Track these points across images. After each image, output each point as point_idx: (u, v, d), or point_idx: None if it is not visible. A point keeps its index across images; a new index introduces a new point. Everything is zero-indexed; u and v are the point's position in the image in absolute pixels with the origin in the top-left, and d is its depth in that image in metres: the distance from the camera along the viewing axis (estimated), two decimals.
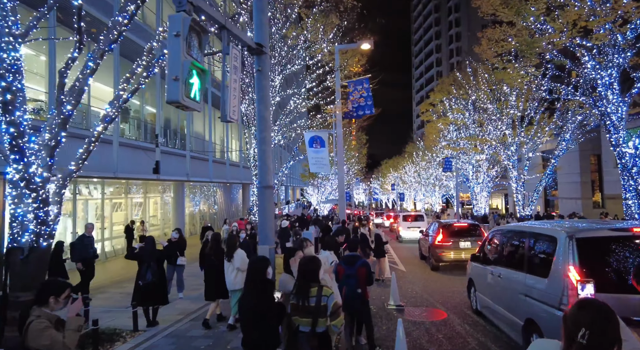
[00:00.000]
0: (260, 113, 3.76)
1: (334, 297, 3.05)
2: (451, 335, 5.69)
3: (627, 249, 3.65)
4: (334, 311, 2.99)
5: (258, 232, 3.83)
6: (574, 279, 3.62)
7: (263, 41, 3.73)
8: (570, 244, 3.78)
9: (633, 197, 12.11)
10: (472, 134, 24.40)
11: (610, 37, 11.34)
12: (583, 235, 3.86)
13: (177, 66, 2.45)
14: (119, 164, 11.53)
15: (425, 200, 55.61)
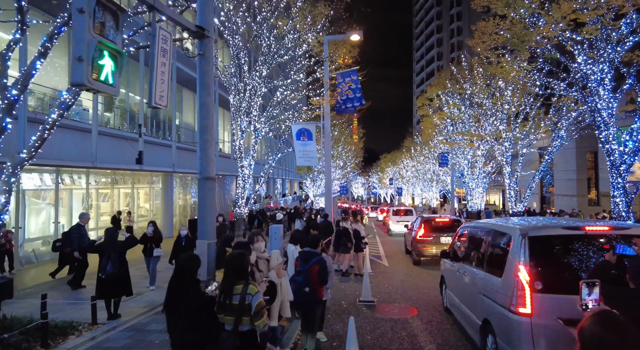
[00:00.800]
0: (202, 99, 3.58)
1: (259, 296, 2.90)
2: (415, 333, 5.56)
3: (579, 249, 3.48)
4: (257, 311, 2.84)
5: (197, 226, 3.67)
6: (524, 279, 3.46)
7: (206, 25, 3.54)
8: (523, 242, 3.60)
9: (621, 195, 11.94)
10: (468, 129, 24.15)
11: (602, 31, 11.08)
12: (535, 234, 3.67)
13: (81, 45, 2.28)
14: (98, 154, 11.37)
15: (422, 195, 55.51)
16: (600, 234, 3.53)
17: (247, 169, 14.00)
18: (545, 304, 3.34)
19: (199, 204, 3.68)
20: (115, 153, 12.57)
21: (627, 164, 12.03)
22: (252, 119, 13.72)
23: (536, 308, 3.36)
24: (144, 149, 13.30)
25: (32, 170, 11.87)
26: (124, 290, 6.20)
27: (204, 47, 3.54)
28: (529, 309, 3.38)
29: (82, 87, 2.39)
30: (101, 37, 2.43)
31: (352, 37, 14.15)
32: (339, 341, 5.27)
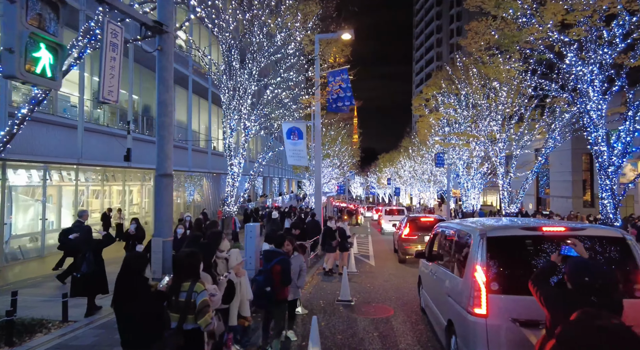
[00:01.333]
0: (160, 96, 3.54)
1: (204, 294, 2.86)
2: (387, 334, 5.52)
3: (536, 249, 3.45)
4: (200, 309, 2.80)
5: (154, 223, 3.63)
6: (480, 279, 3.42)
7: (165, 20, 3.50)
8: (481, 242, 3.56)
9: (609, 197, 11.90)
10: (463, 129, 24.08)
11: (591, 32, 11.03)
12: (493, 234, 3.62)
13: (11, 37, 2.23)
14: (84, 150, 11.33)
15: (420, 195, 55.49)
16: (557, 235, 3.48)
17: (236, 167, 13.94)
18: (501, 305, 3.30)
19: (155, 202, 3.64)
20: (103, 150, 12.53)
21: (616, 166, 11.99)
22: (242, 117, 13.66)
23: (492, 309, 3.32)
24: (132, 146, 13.32)
25: (19, 166, 11.82)
26: (100, 288, 6.16)
27: (163, 42, 3.50)
28: (484, 310, 3.34)
29: (14, 80, 2.34)
30: (38, 29, 2.39)
31: (344, 36, 14.12)
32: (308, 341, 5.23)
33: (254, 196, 35.41)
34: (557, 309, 2.56)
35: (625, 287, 3.29)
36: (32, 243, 12.58)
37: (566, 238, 3.33)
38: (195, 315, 2.79)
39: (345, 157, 39.94)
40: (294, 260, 5.22)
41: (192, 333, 2.84)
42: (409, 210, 52.56)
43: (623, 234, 3.56)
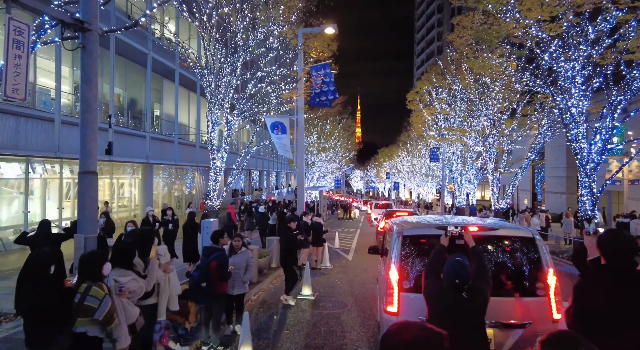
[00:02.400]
0: (84, 94, 3.58)
1: (107, 301, 2.85)
2: (335, 329, 5.60)
3: (450, 248, 3.44)
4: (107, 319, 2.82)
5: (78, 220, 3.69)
6: (394, 278, 3.43)
7: (87, 18, 3.52)
8: (397, 241, 3.58)
9: (587, 194, 11.88)
10: (457, 124, 23.96)
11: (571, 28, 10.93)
12: (409, 233, 3.63)
13: None
14: (61, 144, 11.40)
15: (418, 190, 55.46)
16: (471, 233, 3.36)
17: (219, 162, 13.99)
18: (412, 304, 3.29)
19: (79, 199, 3.70)
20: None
21: (595, 163, 11.95)
22: (224, 111, 13.68)
23: (403, 307, 3.35)
24: (115, 140, 13.37)
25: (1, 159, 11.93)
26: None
27: (86, 40, 3.53)
28: (395, 308, 3.37)
29: None
30: None
31: (327, 31, 14.05)
32: (255, 335, 5.31)
33: (250, 190, 35.53)
34: (432, 304, 2.64)
35: (530, 285, 3.36)
36: (15, 236, 12.74)
37: (479, 238, 3.39)
38: (103, 322, 2.82)
39: (341, 151, 39.92)
40: (240, 255, 5.29)
41: (81, 336, 2.85)
42: (406, 204, 52.57)
43: (533, 234, 3.57)
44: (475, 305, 2.60)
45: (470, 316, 2.59)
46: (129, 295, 3.11)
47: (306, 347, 4.96)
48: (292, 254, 7.09)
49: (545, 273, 3.33)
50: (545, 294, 3.28)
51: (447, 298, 2.63)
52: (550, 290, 3.28)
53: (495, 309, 2.77)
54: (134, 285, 3.15)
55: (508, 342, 3.13)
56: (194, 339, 4.94)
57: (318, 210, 24.65)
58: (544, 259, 3.39)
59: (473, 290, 2.63)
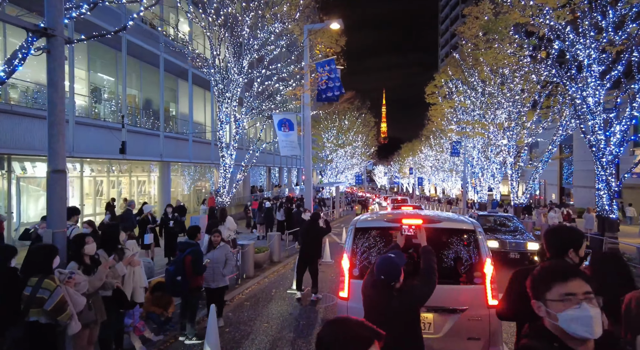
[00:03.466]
0: (50, 97, 3.79)
1: (59, 292, 3.04)
2: (312, 322, 5.66)
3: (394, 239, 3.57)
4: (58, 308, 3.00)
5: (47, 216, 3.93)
6: (345, 266, 3.67)
7: (52, 24, 3.72)
8: (351, 232, 3.81)
9: (604, 188, 11.33)
10: (475, 118, 23.28)
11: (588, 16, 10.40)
12: (361, 225, 3.85)
13: None
14: (75, 143, 11.97)
15: (443, 185, 54.40)
16: (416, 225, 3.52)
17: (228, 159, 14.29)
18: (357, 289, 3.43)
19: (47, 197, 3.93)
20: (97, 143, 13.18)
21: (613, 155, 11.36)
22: (231, 110, 13.95)
23: (352, 292, 3.58)
24: (130, 139, 13.94)
25: (25, 159, 12.68)
26: None
27: (51, 45, 3.73)
28: (346, 294, 3.63)
29: None
30: None
31: (332, 26, 14.01)
32: (233, 327, 5.46)
33: (270, 186, 36.00)
34: (363, 299, 2.71)
35: (468, 274, 3.53)
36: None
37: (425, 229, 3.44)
38: (53, 313, 3.01)
39: (360, 147, 39.67)
40: (219, 250, 5.44)
41: (34, 325, 3.04)
42: (428, 200, 51.67)
43: (474, 226, 3.67)
44: (399, 304, 2.59)
45: (396, 314, 2.59)
46: (76, 287, 3.30)
47: (279, 339, 5.05)
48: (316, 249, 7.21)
49: (483, 263, 3.49)
50: (482, 282, 3.46)
51: (374, 294, 2.67)
52: (486, 279, 3.45)
53: (436, 295, 2.95)
54: (80, 278, 3.34)
55: (446, 326, 3.37)
56: (171, 330, 5.13)
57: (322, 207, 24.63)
58: (482, 250, 3.54)
59: (401, 289, 2.63)
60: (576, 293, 1.25)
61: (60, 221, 3.80)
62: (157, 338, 4.79)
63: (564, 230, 2.52)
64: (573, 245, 2.34)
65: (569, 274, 1.28)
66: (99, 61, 14.84)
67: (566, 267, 1.35)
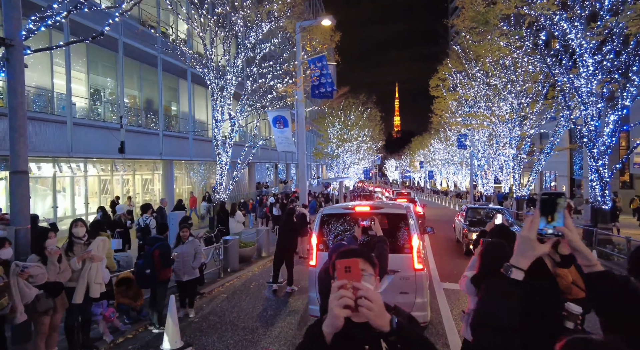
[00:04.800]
0: (10, 103, 4.07)
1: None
2: (279, 313, 5.87)
3: (350, 221, 4.77)
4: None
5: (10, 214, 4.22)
6: (314, 242, 4.92)
7: (10, 35, 3.99)
8: (318, 218, 5.04)
9: (597, 179, 11.20)
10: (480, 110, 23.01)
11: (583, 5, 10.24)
12: (325, 212, 5.11)
13: None
14: (74, 144, 12.40)
15: (453, 178, 53.88)
16: (364, 212, 4.74)
17: (224, 156, 14.60)
18: (324, 258, 4.56)
19: (11, 196, 4.22)
20: (96, 143, 13.62)
21: (606, 146, 11.20)
22: (226, 108, 14.23)
23: (319, 261, 4.77)
24: (130, 139, 14.37)
25: (30, 160, 13.18)
26: None
27: (9, 54, 4.01)
28: (314, 262, 4.88)
29: None
30: None
31: (324, 23, 14.11)
32: (203, 317, 5.72)
33: (277, 182, 36.37)
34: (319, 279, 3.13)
35: (401, 246, 4.68)
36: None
37: (371, 214, 4.56)
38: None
39: (367, 141, 39.59)
40: (188, 245, 5.70)
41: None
42: (438, 193, 51.24)
43: (406, 211, 4.83)
44: None
45: None
46: (31, 279, 3.58)
47: (243, 328, 5.29)
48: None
49: (411, 238, 4.65)
50: (410, 252, 4.61)
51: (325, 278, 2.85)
52: (413, 250, 4.62)
53: None
54: (36, 270, 3.62)
55: (381, 286, 4.29)
56: (143, 320, 5.43)
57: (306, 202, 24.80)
58: (412, 228, 4.70)
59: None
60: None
61: (24, 219, 4.10)
62: (125, 327, 5.09)
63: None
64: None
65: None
66: (100, 63, 15.29)
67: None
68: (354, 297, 1.14)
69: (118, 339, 4.84)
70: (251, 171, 30.27)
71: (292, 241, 7.41)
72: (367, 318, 1.14)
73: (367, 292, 1.15)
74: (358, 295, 1.14)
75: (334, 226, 4.89)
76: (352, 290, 1.15)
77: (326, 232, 4.89)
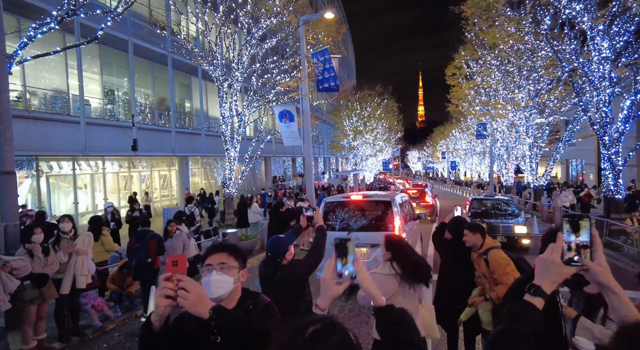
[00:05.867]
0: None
1: None
2: None
3: (346, 208, 6.39)
4: None
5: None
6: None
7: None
8: (322, 204, 6.66)
9: (609, 167, 10.78)
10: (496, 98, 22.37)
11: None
12: (327, 200, 6.76)
13: None
14: (88, 143, 12.97)
15: (477, 169, 52.65)
16: (357, 200, 6.43)
17: (232, 151, 14.92)
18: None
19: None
20: (112, 141, 14.18)
21: (619, 133, 10.72)
22: (233, 105, 14.52)
23: None
24: (143, 136, 14.90)
25: (50, 159, 13.91)
26: None
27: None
28: None
29: None
30: None
31: (327, 16, 14.08)
32: None
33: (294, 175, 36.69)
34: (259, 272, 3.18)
35: (386, 225, 6.10)
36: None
37: (365, 202, 6.38)
38: None
39: (385, 133, 39.21)
40: (176, 238, 5.99)
41: None
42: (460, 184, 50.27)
43: (390, 199, 6.28)
44: (280, 276, 2.88)
45: (278, 285, 2.88)
46: (15, 272, 3.89)
47: None
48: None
49: (394, 219, 6.05)
50: (393, 229, 5.97)
51: (264, 269, 3.01)
52: (395, 228, 5.99)
53: (369, 237, 5.83)
54: (19, 264, 3.92)
55: (372, 255, 5.82)
56: (134, 309, 5.74)
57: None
58: (395, 212, 6.10)
59: (285, 265, 2.94)
60: (212, 264, 1.55)
61: (12, 215, 4.43)
62: (115, 315, 5.41)
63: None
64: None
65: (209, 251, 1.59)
66: (114, 64, 15.86)
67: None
68: (175, 288, 1.26)
69: (107, 326, 5.16)
70: (267, 165, 30.67)
71: (279, 233, 7.62)
72: (185, 306, 1.26)
73: (186, 284, 1.26)
74: (179, 287, 1.26)
75: (336, 210, 6.41)
76: (176, 282, 1.27)
77: (331, 215, 6.36)
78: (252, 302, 1.58)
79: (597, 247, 1.03)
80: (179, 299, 1.26)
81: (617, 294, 1.01)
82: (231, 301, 1.57)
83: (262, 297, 1.64)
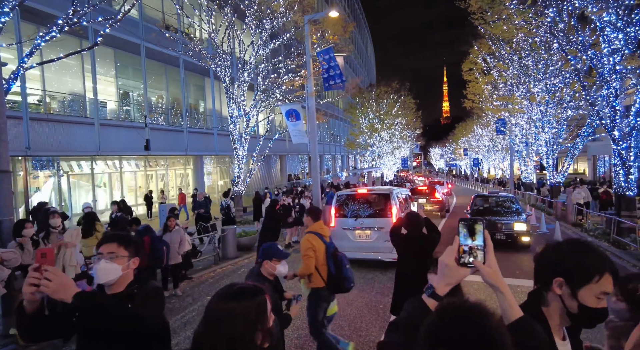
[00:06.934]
0: None
1: None
2: None
3: (353, 200, 7.91)
4: None
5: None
6: (332, 212, 8.03)
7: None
8: (335, 197, 8.33)
9: (620, 164, 10.40)
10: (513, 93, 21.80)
11: None
12: (340, 193, 8.35)
13: None
14: (102, 143, 13.58)
15: (499, 166, 51.33)
16: (363, 194, 7.98)
17: (240, 150, 15.27)
18: (339, 222, 7.92)
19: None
20: (126, 141, 14.77)
21: (631, 128, 10.31)
22: (241, 104, 14.86)
23: (336, 223, 7.92)
24: (157, 136, 15.44)
25: (70, 159, 14.65)
26: None
27: None
28: (334, 224, 7.91)
29: None
30: None
31: (331, 14, 14.15)
32: (180, 299, 6.27)
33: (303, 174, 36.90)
34: None
35: (385, 212, 7.63)
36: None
37: (369, 195, 7.95)
38: None
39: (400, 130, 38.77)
40: (174, 233, 6.31)
41: None
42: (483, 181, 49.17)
43: (389, 192, 7.84)
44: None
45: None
46: (5, 262, 4.23)
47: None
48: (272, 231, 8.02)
49: (391, 207, 7.59)
50: (390, 216, 7.48)
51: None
52: (393, 215, 7.46)
53: (373, 222, 7.61)
54: (9, 255, 4.27)
55: (374, 236, 7.58)
56: None
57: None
58: (392, 202, 7.64)
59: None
60: (102, 252, 1.73)
61: (7, 211, 4.81)
62: None
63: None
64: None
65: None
66: (130, 67, 16.50)
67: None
68: (41, 277, 1.45)
69: None
70: (282, 163, 31.02)
71: (275, 230, 7.82)
72: (47, 293, 1.45)
73: (50, 274, 1.45)
74: (44, 276, 1.45)
75: (347, 201, 7.95)
76: (42, 272, 1.47)
77: (343, 205, 7.94)
78: (137, 287, 1.76)
79: (489, 250, 1.08)
80: (41, 287, 1.44)
81: (504, 295, 1.05)
82: (120, 285, 1.75)
83: (151, 283, 1.81)
